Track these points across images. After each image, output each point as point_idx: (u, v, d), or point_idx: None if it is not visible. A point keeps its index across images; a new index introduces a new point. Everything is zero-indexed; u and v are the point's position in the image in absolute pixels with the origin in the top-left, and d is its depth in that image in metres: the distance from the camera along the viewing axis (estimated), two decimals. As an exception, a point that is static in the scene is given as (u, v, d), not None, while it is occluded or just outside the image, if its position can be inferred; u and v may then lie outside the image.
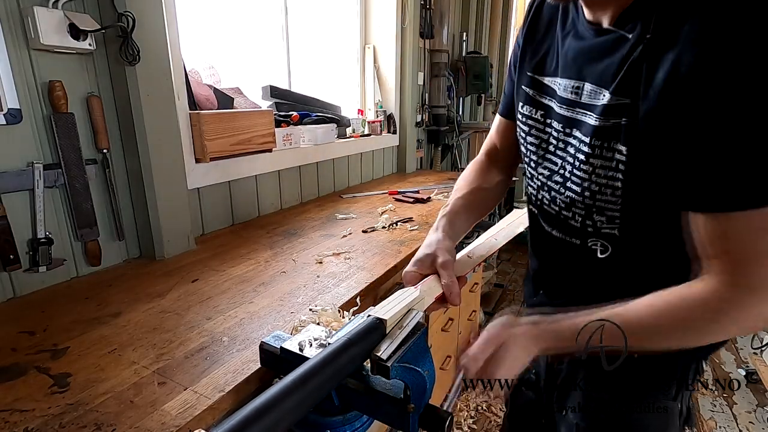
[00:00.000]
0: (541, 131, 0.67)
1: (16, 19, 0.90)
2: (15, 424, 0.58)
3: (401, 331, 0.57)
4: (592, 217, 0.60)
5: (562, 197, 0.64)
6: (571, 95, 0.60)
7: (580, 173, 0.59)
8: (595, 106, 0.56)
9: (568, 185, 0.62)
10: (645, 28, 0.50)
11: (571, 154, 0.61)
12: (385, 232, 1.41)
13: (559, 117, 0.63)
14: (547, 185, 0.67)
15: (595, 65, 0.56)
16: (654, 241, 0.58)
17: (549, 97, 0.65)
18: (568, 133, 0.61)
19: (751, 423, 1.88)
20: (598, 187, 0.57)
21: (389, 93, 2.52)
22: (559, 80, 0.63)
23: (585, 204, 0.60)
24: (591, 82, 0.57)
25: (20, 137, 0.93)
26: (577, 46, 0.60)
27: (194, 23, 1.55)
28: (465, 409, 1.96)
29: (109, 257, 1.13)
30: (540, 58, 0.67)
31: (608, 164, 0.55)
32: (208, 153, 1.35)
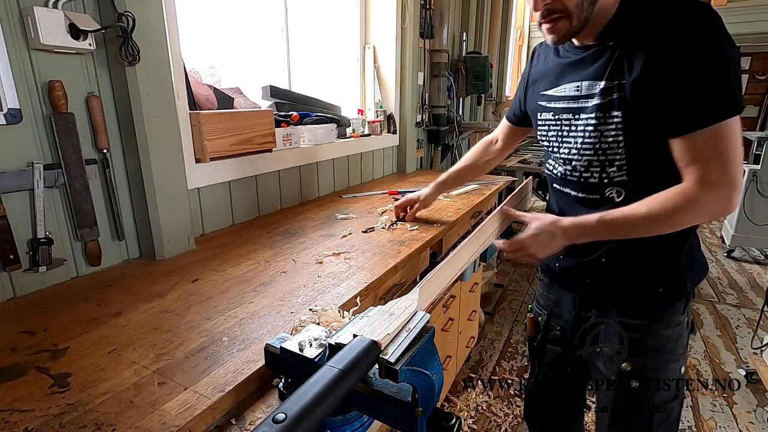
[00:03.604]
0: (555, 125, 0.96)
1: (16, 19, 0.90)
2: (15, 424, 0.58)
3: (409, 333, 0.57)
4: (606, 170, 0.87)
5: (581, 163, 0.91)
6: (575, 92, 0.89)
7: (591, 140, 0.87)
8: (594, 93, 0.85)
9: (582, 153, 0.90)
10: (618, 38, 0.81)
11: (581, 131, 0.89)
12: (385, 232, 1.41)
13: (566, 110, 0.92)
14: (568, 159, 0.93)
15: (588, 68, 0.86)
16: (652, 176, 0.83)
17: (555, 102, 0.95)
18: (576, 119, 0.90)
19: (751, 423, 1.88)
20: (606, 145, 0.85)
21: (389, 93, 2.52)
22: (559, 87, 0.93)
23: (599, 161, 0.87)
24: (588, 79, 0.86)
25: (20, 137, 0.93)
26: (570, 60, 0.91)
27: (194, 23, 1.55)
28: (465, 409, 1.96)
29: (109, 257, 1.13)
30: (544, 81, 0.99)
31: (610, 127, 0.83)
32: (208, 153, 1.35)
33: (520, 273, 3.52)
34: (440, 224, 1.50)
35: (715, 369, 2.28)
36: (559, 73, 0.93)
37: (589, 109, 0.86)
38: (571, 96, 0.90)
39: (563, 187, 0.98)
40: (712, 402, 2.01)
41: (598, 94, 0.84)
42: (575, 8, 0.77)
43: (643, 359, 0.94)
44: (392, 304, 0.65)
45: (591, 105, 0.85)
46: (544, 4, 0.79)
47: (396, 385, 0.54)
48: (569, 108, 0.91)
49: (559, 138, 0.95)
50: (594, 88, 0.85)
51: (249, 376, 0.69)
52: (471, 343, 2.23)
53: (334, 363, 0.50)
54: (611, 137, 0.84)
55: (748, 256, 3.86)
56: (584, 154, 0.89)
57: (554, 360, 1.15)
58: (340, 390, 0.47)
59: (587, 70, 0.86)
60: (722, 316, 2.82)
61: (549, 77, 0.97)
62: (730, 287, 3.26)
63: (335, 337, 0.60)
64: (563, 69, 0.92)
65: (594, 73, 0.85)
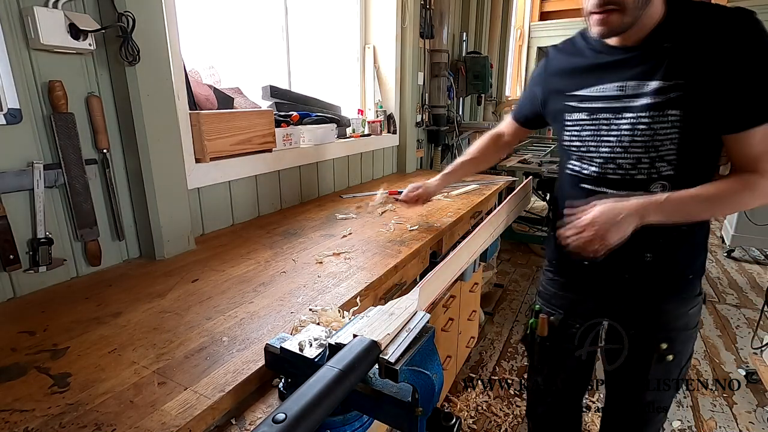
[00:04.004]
0: (590, 125, 0.96)
1: (16, 19, 0.90)
2: (15, 424, 0.58)
3: (409, 333, 0.57)
4: (655, 165, 0.89)
5: (627, 160, 0.92)
6: (617, 92, 0.91)
7: (643, 137, 0.88)
8: (644, 92, 0.87)
9: (631, 150, 0.91)
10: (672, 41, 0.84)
11: (626, 129, 0.90)
12: (385, 232, 1.41)
13: (605, 110, 0.93)
14: (611, 157, 0.94)
15: (634, 68, 0.88)
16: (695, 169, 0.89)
17: (588, 102, 0.96)
18: (619, 117, 0.91)
19: (751, 423, 1.88)
20: (658, 142, 0.87)
21: (389, 93, 2.52)
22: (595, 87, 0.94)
23: (649, 157, 0.89)
24: (635, 79, 0.88)
25: (20, 137, 0.93)
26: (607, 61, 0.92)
27: (194, 23, 1.55)
28: (465, 409, 1.95)
29: (109, 257, 1.13)
30: (569, 83, 1.00)
31: (665, 125, 0.86)
32: (208, 153, 1.35)
33: (520, 273, 3.52)
34: (440, 224, 1.50)
35: (715, 369, 2.27)
36: (593, 73, 0.95)
37: (638, 107, 0.88)
38: (613, 96, 0.91)
39: (597, 186, 0.98)
40: (712, 402, 2.01)
41: (650, 93, 0.86)
42: (632, 3, 0.79)
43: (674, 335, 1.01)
44: (392, 304, 0.65)
45: (640, 104, 0.87)
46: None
47: (396, 385, 0.54)
48: (609, 107, 0.92)
49: (596, 137, 0.96)
50: (643, 88, 0.87)
51: (249, 376, 0.69)
52: (471, 343, 2.23)
53: (334, 363, 0.50)
54: (665, 134, 0.86)
55: (748, 256, 3.86)
56: (633, 151, 0.91)
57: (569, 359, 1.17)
58: (340, 390, 0.47)
59: (633, 71, 0.88)
60: (722, 316, 2.82)
61: (577, 78, 0.98)
62: (730, 287, 3.26)
63: (335, 337, 0.60)
64: (599, 70, 0.94)
65: (643, 74, 0.87)
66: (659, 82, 0.84)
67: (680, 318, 1.00)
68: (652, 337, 1.01)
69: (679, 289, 0.99)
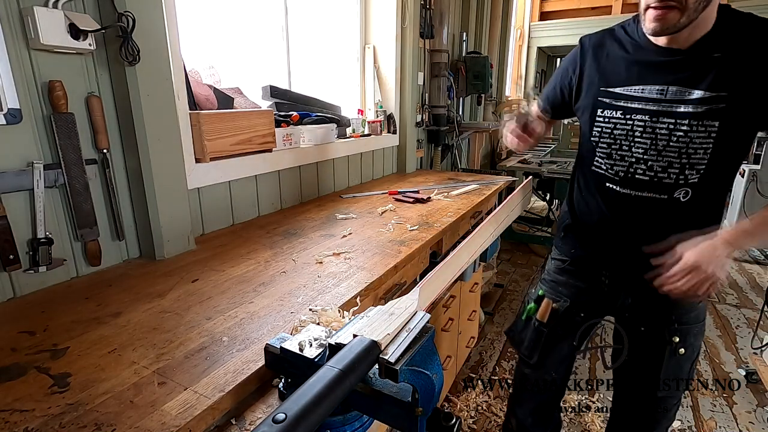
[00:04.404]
0: (624, 124, 0.95)
1: (16, 19, 0.90)
2: (15, 424, 0.58)
3: (409, 333, 0.57)
4: (685, 172, 0.91)
5: (659, 164, 0.93)
6: (657, 95, 0.90)
7: (678, 144, 0.89)
8: (685, 100, 0.87)
9: (665, 154, 0.92)
10: (722, 51, 0.83)
11: (663, 133, 0.91)
12: (385, 232, 1.41)
13: (643, 111, 0.92)
14: (643, 158, 0.94)
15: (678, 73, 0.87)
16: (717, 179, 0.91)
17: (624, 101, 0.94)
18: (655, 121, 0.91)
19: (751, 423, 1.88)
20: (692, 150, 0.89)
21: (389, 93, 2.52)
22: (635, 87, 0.93)
23: (680, 163, 0.91)
24: (677, 84, 0.88)
25: (20, 137, 0.93)
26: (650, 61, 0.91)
27: (194, 23, 1.55)
28: (465, 409, 1.95)
29: (109, 257, 1.13)
30: (607, 77, 0.98)
31: (703, 135, 0.87)
32: (208, 153, 1.35)
33: (520, 273, 3.52)
34: (440, 224, 1.50)
35: (715, 369, 2.27)
36: (633, 71, 0.93)
37: (678, 114, 0.88)
38: (652, 98, 0.91)
39: (623, 187, 0.99)
40: (712, 402, 2.01)
41: (693, 102, 0.86)
42: (693, 4, 0.78)
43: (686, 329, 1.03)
44: (392, 304, 0.65)
45: (680, 111, 0.87)
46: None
47: (396, 385, 0.54)
48: (647, 110, 0.92)
49: (629, 137, 0.95)
50: (685, 95, 0.87)
51: (249, 376, 0.69)
52: (471, 343, 2.23)
53: (334, 363, 0.50)
54: (700, 143, 0.87)
55: (748, 256, 3.86)
56: (666, 155, 0.91)
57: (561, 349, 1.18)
58: (340, 390, 0.47)
59: (676, 75, 0.87)
60: (722, 316, 2.82)
61: (615, 74, 0.96)
62: (730, 287, 3.26)
63: (335, 337, 0.60)
64: (640, 69, 0.92)
65: (686, 80, 0.86)
66: (704, 92, 0.85)
67: (692, 310, 1.02)
68: (665, 330, 1.02)
69: None
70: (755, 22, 0.84)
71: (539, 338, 1.18)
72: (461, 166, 3.53)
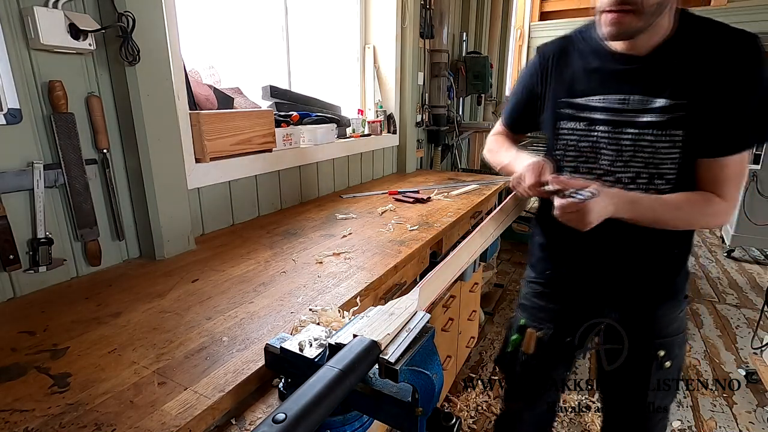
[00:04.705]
0: (588, 136, 0.92)
1: (16, 19, 0.90)
2: (15, 424, 0.58)
3: (409, 333, 0.57)
4: (654, 181, 0.88)
5: (626, 174, 0.90)
6: (619, 104, 0.87)
7: (644, 154, 0.87)
8: (648, 109, 0.85)
9: (630, 165, 0.89)
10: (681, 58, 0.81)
11: (628, 143, 0.88)
12: (385, 232, 1.41)
13: (606, 122, 0.89)
14: (610, 170, 0.91)
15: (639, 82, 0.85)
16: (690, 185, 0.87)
17: (587, 111, 0.91)
18: (619, 131, 0.88)
19: (751, 423, 1.88)
20: (659, 160, 0.86)
21: (389, 93, 2.52)
22: (596, 97, 0.90)
23: (648, 173, 0.88)
24: (639, 93, 0.85)
25: (20, 137, 0.93)
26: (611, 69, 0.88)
27: (194, 23, 1.55)
28: (465, 409, 1.95)
29: (109, 257, 1.13)
30: (568, 86, 0.94)
31: (668, 145, 0.84)
32: (208, 153, 1.35)
33: (520, 273, 3.51)
34: (440, 224, 1.50)
35: (715, 369, 2.27)
36: (595, 80, 0.90)
37: (641, 124, 0.85)
38: (614, 108, 0.88)
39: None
40: (712, 402, 2.01)
41: (655, 111, 0.84)
42: (649, 7, 0.75)
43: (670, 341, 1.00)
44: (392, 304, 0.65)
45: (643, 120, 0.85)
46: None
47: (396, 385, 0.54)
48: (610, 120, 0.89)
49: (594, 149, 0.92)
50: (648, 104, 0.84)
51: (249, 376, 0.69)
52: (471, 343, 2.23)
53: (334, 363, 0.50)
54: (666, 153, 0.85)
55: (748, 256, 3.86)
56: (633, 166, 0.89)
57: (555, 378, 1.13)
58: (340, 390, 0.47)
59: (638, 84, 0.85)
60: (722, 316, 2.82)
61: (576, 84, 0.93)
62: (730, 287, 3.26)
63: (335, 337, 0.60)
64: (601, 77, 0.89)
65: (648, 89, 0.84)
66: (666, 100, 0.82)
67: (673, 322, 0.99)
68: (649, 344, 1.00)
69: (670, 294, 0.99)
70: (714, 28, 0.82)
71: (528, 372, 1.12)
72: (461, 166, 3.53)
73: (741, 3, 4.95)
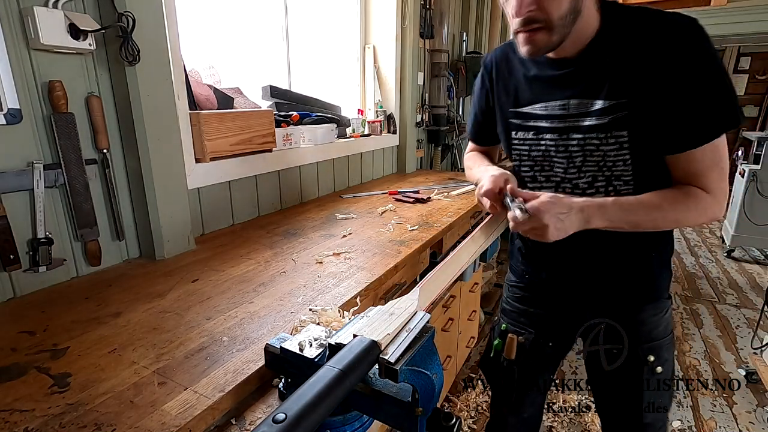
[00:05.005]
0: (538, 145, 0.90)
1: (16, 19, 0.90)
2: (15, 424, 0.58)
3: (409, 333, 0.57)
4: (613, 183, 0.85)
5: (582, 181, 0.87)
6: (560, 111, 0.85)
7: (594, 158, 0.84)
8: (589, 112, 0.81)
9: (584, 170, 0.86)
10: (610, 56, 0.77)
11: (576, 149, 0.85)
12: (385, 232, 1.41)
13: (552, 130, 0.87)
14: (566, 177, 0.89)
15: (575, 86, 0.82)
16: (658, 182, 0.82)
17: (534, 120, 0.89)
18: (566, 138, 0.86)
19: (751, 423, 1.88)
20: (611, 162, 0.83)
21: (389, 93, 2.52)
22: (539, 105, 0.87)
23: (605, 176, 0.85)
24: (576, 97, 0.82)
25: (20, 137, 0.93)
26: (548, 76, 0.85)
27: (194, 23, 1.55)
28: (465, 409, 1.95)
29: (109, 257, 1.13)
30: (513, 96, 0.92)
31: (615, 147, 0.81)
32: (208, 153, 1.36)
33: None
34: (440, 224, 1.50)
35: (715, 369, 2.27)
36: (536, 88, 0.88)
37: (585, 128, 0.82)
38: (557, 115, 0.85)
39: None
40: (712, 402, 2.01)
41: (596, 113, 0.80)
42: (559, 21, 0.72)
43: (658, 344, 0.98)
44: (392, 304, 0.65)
45: (586, 125, 0.82)
46: (528, 10, 0.72)
47: (396, 385, 0.54)
48: (556, 128, 0.86)
49: (546, 158, 0.90)
50: (587, 107, 0.81)
51: (249, 376, 0.69)
52: (471, 343, 2.23)
53: (334, 363, 0.50)
54: (616, 155, 0.82)
55: (748, 256, 3.86)
56: (587, 170, 0.86)
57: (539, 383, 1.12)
58: (340, 390, 0.47)
59: (575, 88, 0.82)
60: (722, 316, 2.82)
61: (520, 92, 0.90)
62: (730, 287, 3.26)
63: (335, 337, 0.59)
64: (540, 85, 0.87)
65: (586, 91, 0.81)
66: (604, 101, 0.79)
67: (658, 325, 0.97)
68: (638, 349, 0.97)
69: (650, 298, 0.97)
70: (644, 17, 0.76)
71: (510, 377, 1.11)
72: (461, 166, 3.53)
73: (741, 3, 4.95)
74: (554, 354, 1.10)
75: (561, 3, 0.71)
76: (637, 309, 0.97)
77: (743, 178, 3.57)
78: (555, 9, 0.71)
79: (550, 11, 0.71)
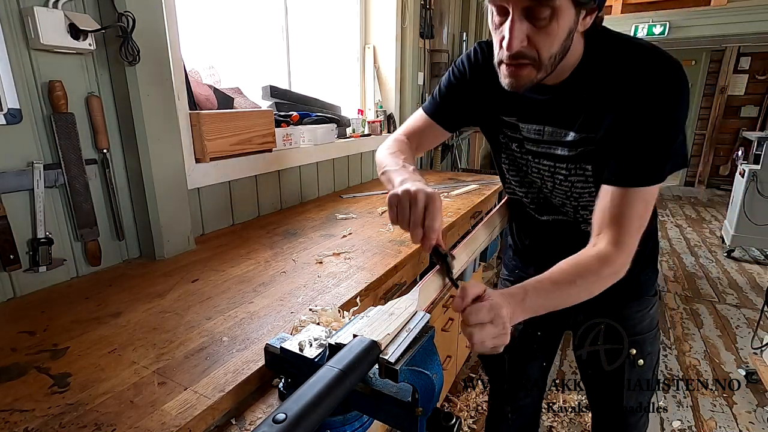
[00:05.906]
0: (520, 158, 0.92)
1: (16, 19, 0.90)
2: (15, 424, 0.58)
3: (409, 333, 0.57)
4: (579, 212, 0.89)
5: (555, 200, 0.91)
6: (534, 135, 0.86)
7: (562, 188, 0.86)
8: (561, 142, 0.82)
9: (555, 194, 0.89)
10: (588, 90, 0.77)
11: (546, 176, 0.87)
12: (385, 232, 1.41)
13: (527, 150, 0.89)
14: (544, 192, 0.92)
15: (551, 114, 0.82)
16: None
17: (518, 132, 0.89)
18: (538, 162, 0.88)
19: (751, 423, 1.88)
20: (578, 194, 0.86)
21: (389, 93, 2.52)
22: (523, 125, 0.87)
23: (572, 205, 0.88)
24: (551, 125, 0.82)
25: (20, 137, 0.93)
26: (530, 98, 0.82)
27: (194, 23, 1.55)
28: (465, 409, 1.95)
29: (109, 257, 1.13)
30: (503, 103, 0.89)
31: (582, 179, 0.83)
32: (208, 153, 1.36)
33: (520, 273, 3.51)
34: (440, 224, 1.50)
35: (715, 369, 2.27)
36: (516, 106, 0.86)
37: (556, 157, 0.84)
38: (531, 138, 0.86)
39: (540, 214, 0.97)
40: (712, 402, 2.01)
41: (567, 144, 0.81)
42: (548, 60, 0.71)
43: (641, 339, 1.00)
44: (392, 304, 0.65)
45: (558, 154, 0.83)
46: (521, 45, 0.69)
47: (396, 385, 0.54)
48: (530, 150, 0.88)
49: (521, 173, 0.94)
50: (558, 136, 0.82)
51: (249, 376, 0.69)
52: (471, 343, 2.23)
53: (334, 363, 0.50)
54: (582, 187, 0.84)
55: (748, 256, 3.86)
56: (557, 195, 0.89)
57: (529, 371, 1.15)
58: (340, 390, 0.47)
59: (551, 116, 0.82)
60: (722, 316, 2.82)
61: (508, 104, 0.88)
62: (730, 287, 3.26)
63: (335, 337, 0.59)
64: (519, 104, 0.85)
65: (558, 121, 0.81)
66: (575, 134, 0.79)
67: (643, 320, 1.00)
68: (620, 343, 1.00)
69: (635, 294, 0.99)
70: (626, 52, 0.74)
71: (503, 367, 1.16)
72: (461, 166, 3.53)
73: (741, 3, 4.95)
74: (545, 342, 1.14)
75: (553, 43, 0.69)
76: (621, 305, 0.99)
77: (743, 178, 3.57)
78: (546, 48, 0.69)
79: (541, 50, 0.69)
